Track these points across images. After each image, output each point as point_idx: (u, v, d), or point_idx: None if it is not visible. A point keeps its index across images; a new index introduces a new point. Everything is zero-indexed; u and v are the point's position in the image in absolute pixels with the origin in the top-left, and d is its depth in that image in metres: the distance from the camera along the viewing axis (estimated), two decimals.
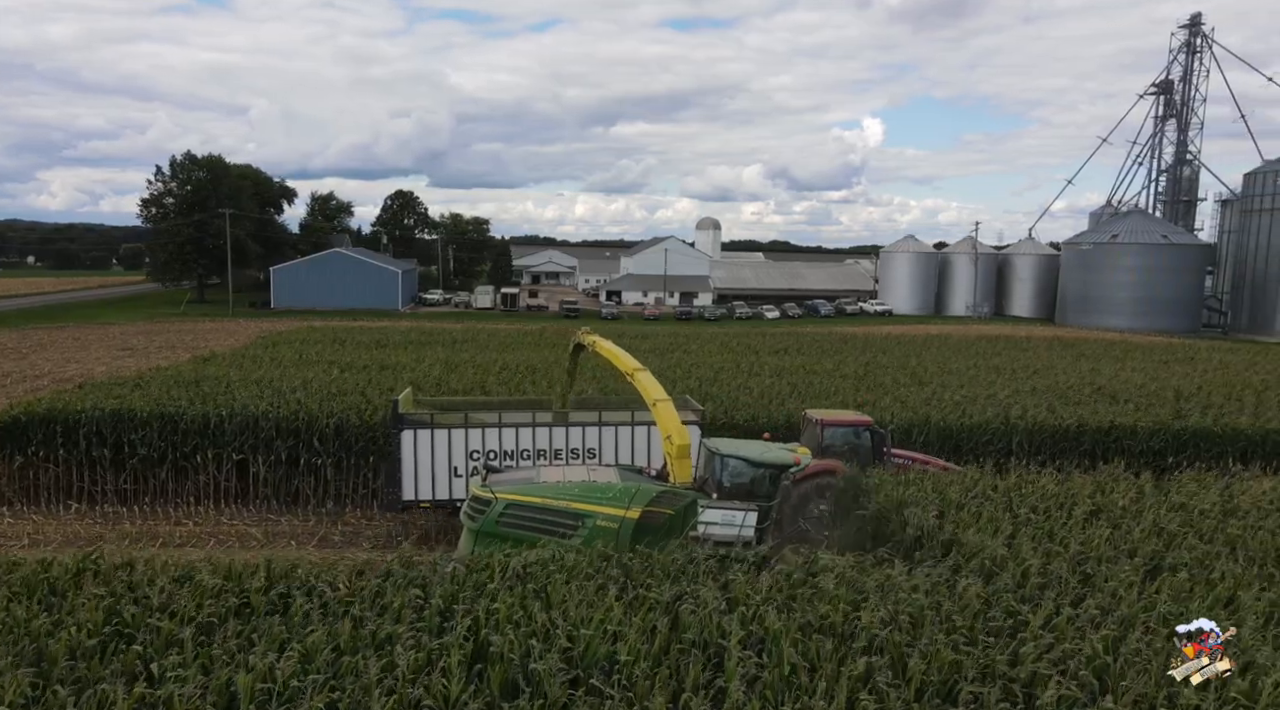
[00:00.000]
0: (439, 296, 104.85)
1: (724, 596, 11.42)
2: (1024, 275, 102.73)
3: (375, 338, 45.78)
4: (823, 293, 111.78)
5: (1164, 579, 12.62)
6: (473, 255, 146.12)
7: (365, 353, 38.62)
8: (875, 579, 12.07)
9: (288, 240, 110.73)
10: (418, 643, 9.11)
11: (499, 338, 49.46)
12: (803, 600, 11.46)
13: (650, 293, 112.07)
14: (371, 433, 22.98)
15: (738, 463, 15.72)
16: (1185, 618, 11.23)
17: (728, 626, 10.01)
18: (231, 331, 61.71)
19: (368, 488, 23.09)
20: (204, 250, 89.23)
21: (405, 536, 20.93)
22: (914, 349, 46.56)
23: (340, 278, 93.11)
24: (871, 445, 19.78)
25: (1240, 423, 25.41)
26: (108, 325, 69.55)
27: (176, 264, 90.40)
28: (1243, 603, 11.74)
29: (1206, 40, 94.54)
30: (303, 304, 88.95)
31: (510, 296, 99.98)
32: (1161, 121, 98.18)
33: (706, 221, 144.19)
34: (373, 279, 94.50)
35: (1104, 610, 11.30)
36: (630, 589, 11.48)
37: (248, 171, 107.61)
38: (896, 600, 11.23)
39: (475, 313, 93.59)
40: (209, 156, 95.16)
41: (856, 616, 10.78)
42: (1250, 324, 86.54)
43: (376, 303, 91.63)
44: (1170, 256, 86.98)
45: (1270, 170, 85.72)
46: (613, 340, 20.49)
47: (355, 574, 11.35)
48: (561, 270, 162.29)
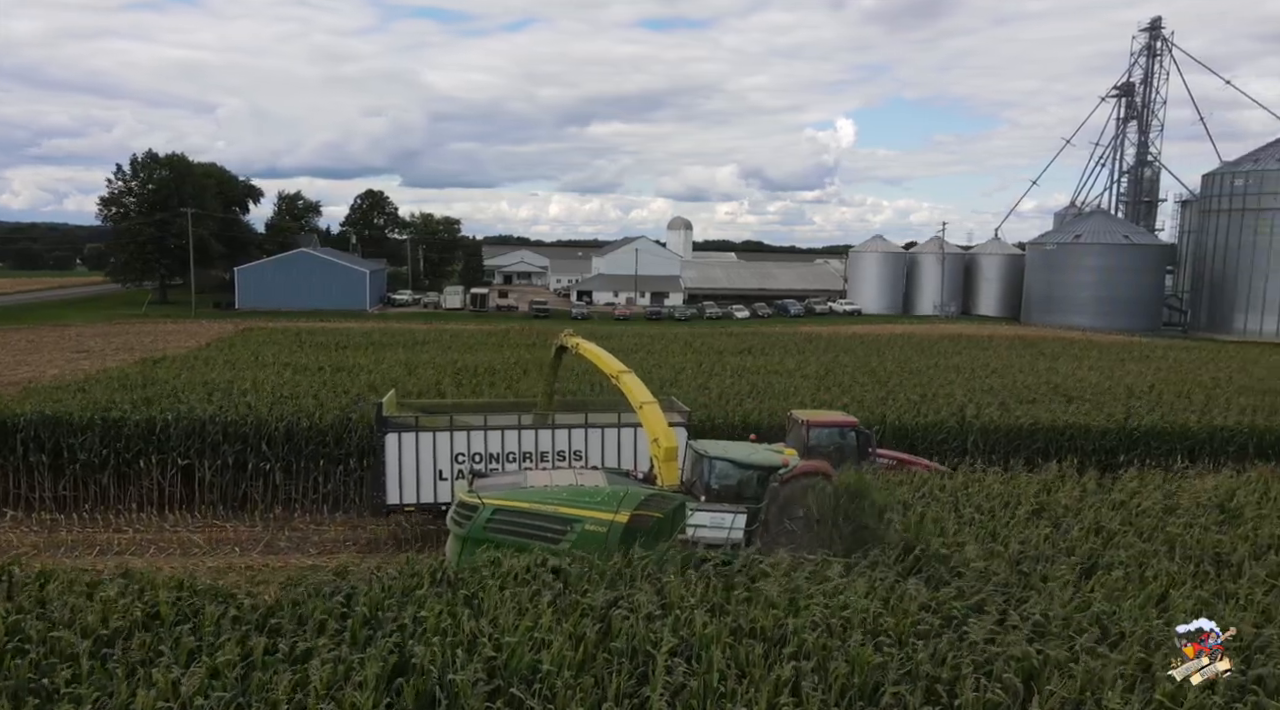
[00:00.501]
0: (408, 297, 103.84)
1: (659, 601, 11.31)
2: (990, 275, 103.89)
3: (336, 339, 45.19)
4: (793, 292, 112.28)
5: (1099, 577, 12.72)
6: (443, 255, 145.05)
7: (324, 354, 38.09)
8: (814, 581, 12.04)
9: (254, 240, 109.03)
10: (336, 655, 8.88)
11: (462, 339, 49.05)
12: (737, 602, 11.39)
13: (621, 293, 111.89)
14: (323, 436, 22.61)
15: (725, 465, 15.67)
16: (1116, 618, 11.33)
17: (657, 634, 9.88)
18: (192, 333, 60.63)
19: (318, 492, 22.71)
20: (166, 250, 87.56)
21: (354, 542, 20.61)
22: (877, 348, 46.86)
23: (307, 278, 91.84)
24: (857, 445, 19.85)
25: (1189, 421, 25.79)
26: (65, 326, 68.05)
27: (138, 264, 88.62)
28: (1173, 601, 11.84)
29: (1166, 44, 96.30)
30: (268, 305, 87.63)
31: (480, 297, 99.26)
32: (1123, 123, 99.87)
33: (678, 221, 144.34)
34: (340, 279, 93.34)
35: (1043, 612, 11.34)
36: (565, 595, 11.33)
37: (212, 170, 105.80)
38: (829, 604, 11.19)
39: (444, 313, 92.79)
40: (172, 155, 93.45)
41: (788, 620, 10.72)
42: (1209, 323, 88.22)
43: (344, 303, 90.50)
44: (1131, 256, 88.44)
45: (1227, 171, 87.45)
46: (610, 343, 20.28)
47: (283, 583, 11.05)
48: (534, 270, 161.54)
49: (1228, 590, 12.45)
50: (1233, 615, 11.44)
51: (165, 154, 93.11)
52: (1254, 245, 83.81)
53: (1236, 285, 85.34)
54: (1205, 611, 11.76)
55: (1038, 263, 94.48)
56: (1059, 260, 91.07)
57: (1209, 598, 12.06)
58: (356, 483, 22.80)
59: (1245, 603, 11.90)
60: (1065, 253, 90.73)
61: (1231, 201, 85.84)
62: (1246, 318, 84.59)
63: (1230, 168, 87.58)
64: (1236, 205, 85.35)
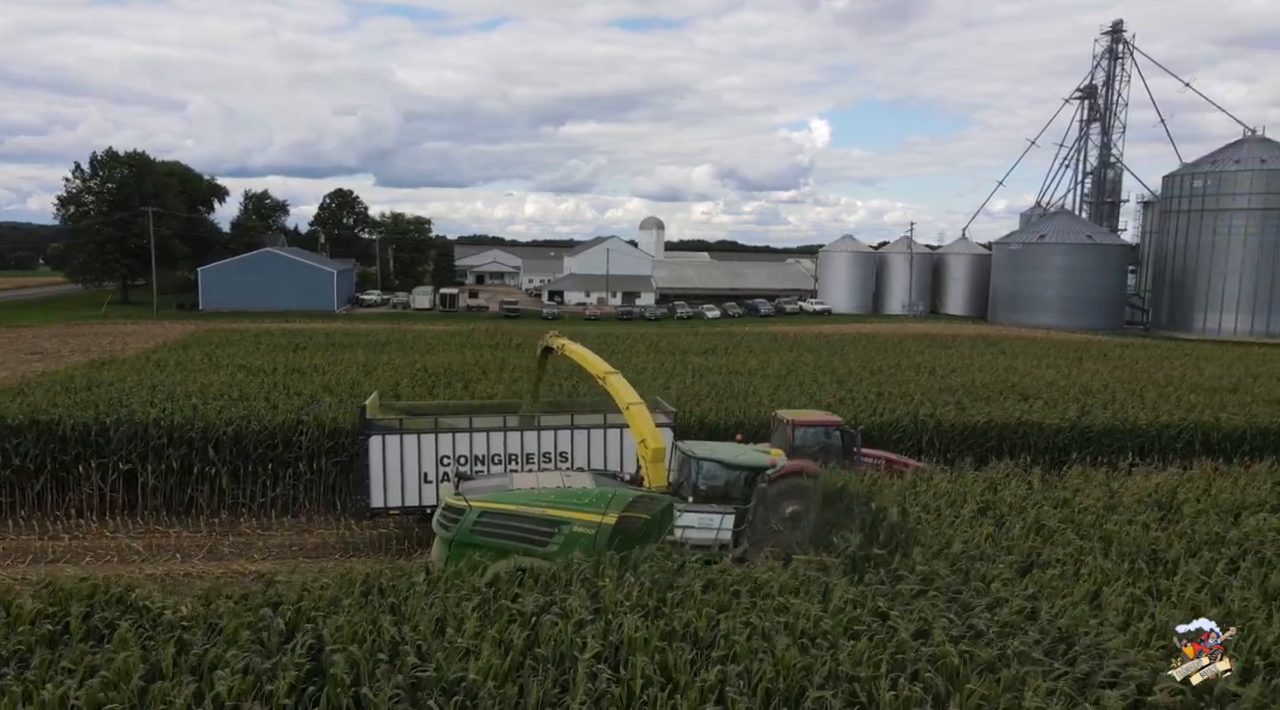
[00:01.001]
0: (377, 297, 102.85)
1: (592, 606, 11.15)
2: (958, 275, 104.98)
3: (296, 340, 44.54)
4: (764, 292, 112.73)
5: (1034, 576, 12.76)
6: (414, 255, 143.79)
7: (281, 356, 37.48)
8: (746, 585, 11.96)
9: (219, 240, 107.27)
10: (245, 666, 8.62)
11: (425, 339, 48.56)
12: (672, 605, 11.27)
13: (593, 293, 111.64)
14: (271, 439, 22.20)
15: (713, 465, 15.59)
16: (1053, 617, 11.34)
17: (583, 640, 9.72)
18: (152, 334, 59.57)
19: (266, 497, 22.29)
20: (127, 250, 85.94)
21: (301, 547, 20.25)
22: (840, 348, 47.08)
23: (272, 278, 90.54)
24: (842, 445, 19.86)
25: (1138, 419, 26.12)
26: (21, 328, 66.52)
27: (97, 264, 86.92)
28: (1105, 598, 11.90)
29: (1128, 47, 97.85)
30: (233, 305, 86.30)
31: (449, 297, 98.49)
32: (1086, 125, 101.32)
33: (650, 221, 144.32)
34: (306, 279, 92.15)
35: (983, 610, 11.33)
36: (494, 600, 11.14)
37: (175, 168, 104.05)
38: (761, 606, 11.11)
39: (413, 313, 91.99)
40: (132, 153, 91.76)
41: (721, 621, 10.63)
42: (1170, 321, 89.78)
43: (311, 304, 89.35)
44: (1094, 256, 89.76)
45: (1187, 173, 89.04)
46: (603, 341, 20.16)
47: (201, 593, 10.76)
48: (506, 270, 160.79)
49: (1160, 587, 12.54)
50: (1163, 612, 11.51)
51: (126, 152, 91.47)
52: (1213, 245, 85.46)
53: (1196, 284, 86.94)
54: (1137, 609, 11.87)
55: (1003, 262, 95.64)
56: (1024, 260, 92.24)
57: (1141, 595, 12.13)
58: (306, 486, 22.44)
59: (1176, 600, 11.98)
60: (1030, 252, 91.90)
61: (1191, 202, 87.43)
62: (1206, 316, 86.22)
63: (1189, 169, 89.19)
64: (1195, 206, 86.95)
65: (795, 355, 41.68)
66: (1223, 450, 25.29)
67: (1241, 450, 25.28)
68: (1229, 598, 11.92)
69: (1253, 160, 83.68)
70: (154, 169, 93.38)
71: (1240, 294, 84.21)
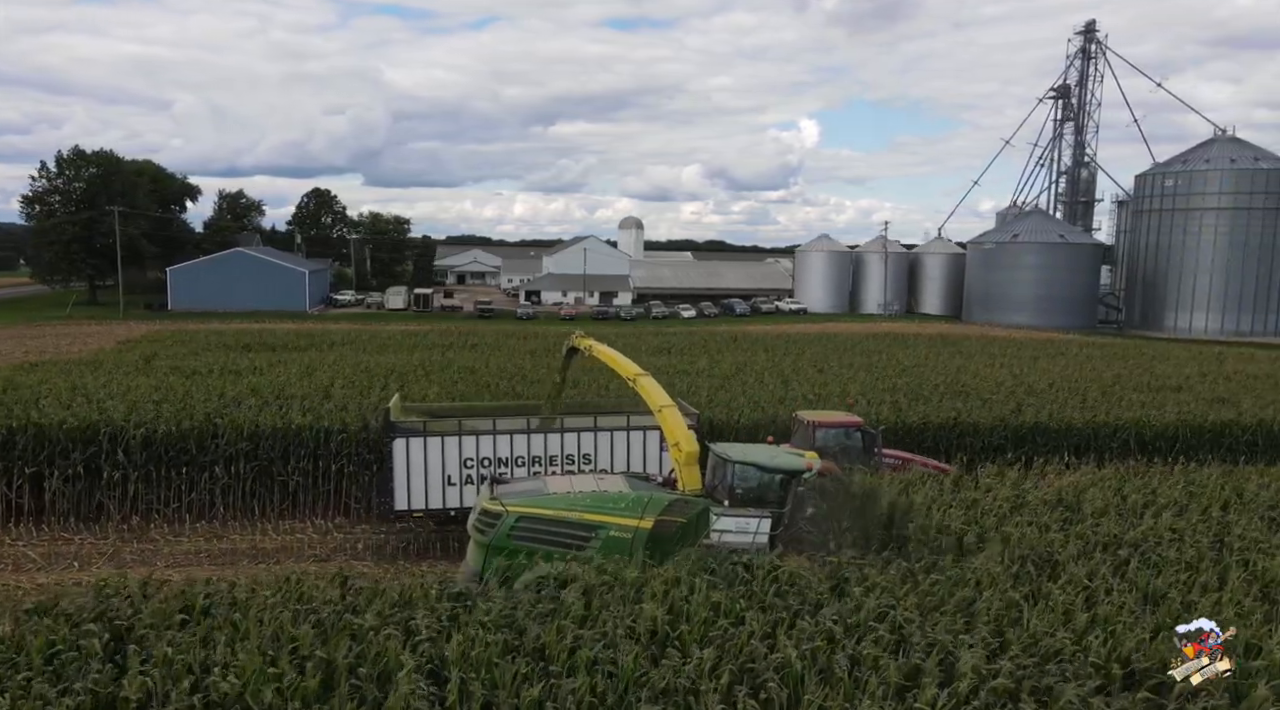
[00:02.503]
0: (351, 297, 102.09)
1: (445, 622, 10.75)
2: (934, 274, 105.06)
3: (246, 340, 43.91)
4: (742, 292, 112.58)
5: (912, 584, 12.45)
6: (394, 255, 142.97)
7: (226, 356, 36.93)
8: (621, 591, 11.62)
9: (191, 239, 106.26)
10: (26, 690, 8.19)
11: (380, 339, 48.01)
12: (540, 617, 10.88)
13: (570, 292, 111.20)
14: (184, 441, 21.72)
15: (749, 469, 15.42)
16: (923, 625, 11.04)
17: (407, 656, 9.34)
18: (114, 335, 58.77)
19: (181, 501, 21.80)
20: (93, 250, 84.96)
21: (209, 554, 19.79)
22: (799, 347, 46.83)
23: (243, 278, 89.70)
24: (863, 446, 19.81)
25: (1073, 417, 25.93)
26: None
27: (63, 264, 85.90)
28: (978, 609, 11.59)
29: (1101, 46, 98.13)
30: (203, 306, 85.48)
31: (423, 297, 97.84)
32: (1060, 124, 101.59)
33: (629, 221, 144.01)
34: (278, 279, 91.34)
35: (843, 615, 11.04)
36: (340, 616, 10.72)
37: (145, 167, 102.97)
38: (625, 611, 10.77)
39: (386, 314, 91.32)
40: (100, 151, 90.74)
41: (582, 633, 10.27)
42: (1142, 320, 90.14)
43: (283, 304, 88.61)
44: (1067, 255, 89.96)
45: (1158, 172, 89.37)
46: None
47: (29, 608, 10.31)
48: (487, 270, 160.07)
49: (1041, 591, 12.26)
50: (1040, 619, 11.23)
51: (94, 151, 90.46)
52: (1183, 245, 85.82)
53: (1167, 284, 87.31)
54: (1009, 615, 11.58)
55: (977, 262, 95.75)
56: (997, 259, 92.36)
57: (1019, 599, 11.84)
58: (223, 491, 21.97)
59: (1052, 605, 11.69)
60: (1003, 252, 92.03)
61: (1162, 202, 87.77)
62: (1177, 315, 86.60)
63: (1161, 169, 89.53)
64: (1167, 205, 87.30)
65: (749, 355, 41.40)
66: (1157, 449, 25.14)
67: (1175, 449, 25.14)
68: (1104, 601, 11.63)
69: (1222, 160, 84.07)
70: (122, 168, 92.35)
71: (1211, 293, 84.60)
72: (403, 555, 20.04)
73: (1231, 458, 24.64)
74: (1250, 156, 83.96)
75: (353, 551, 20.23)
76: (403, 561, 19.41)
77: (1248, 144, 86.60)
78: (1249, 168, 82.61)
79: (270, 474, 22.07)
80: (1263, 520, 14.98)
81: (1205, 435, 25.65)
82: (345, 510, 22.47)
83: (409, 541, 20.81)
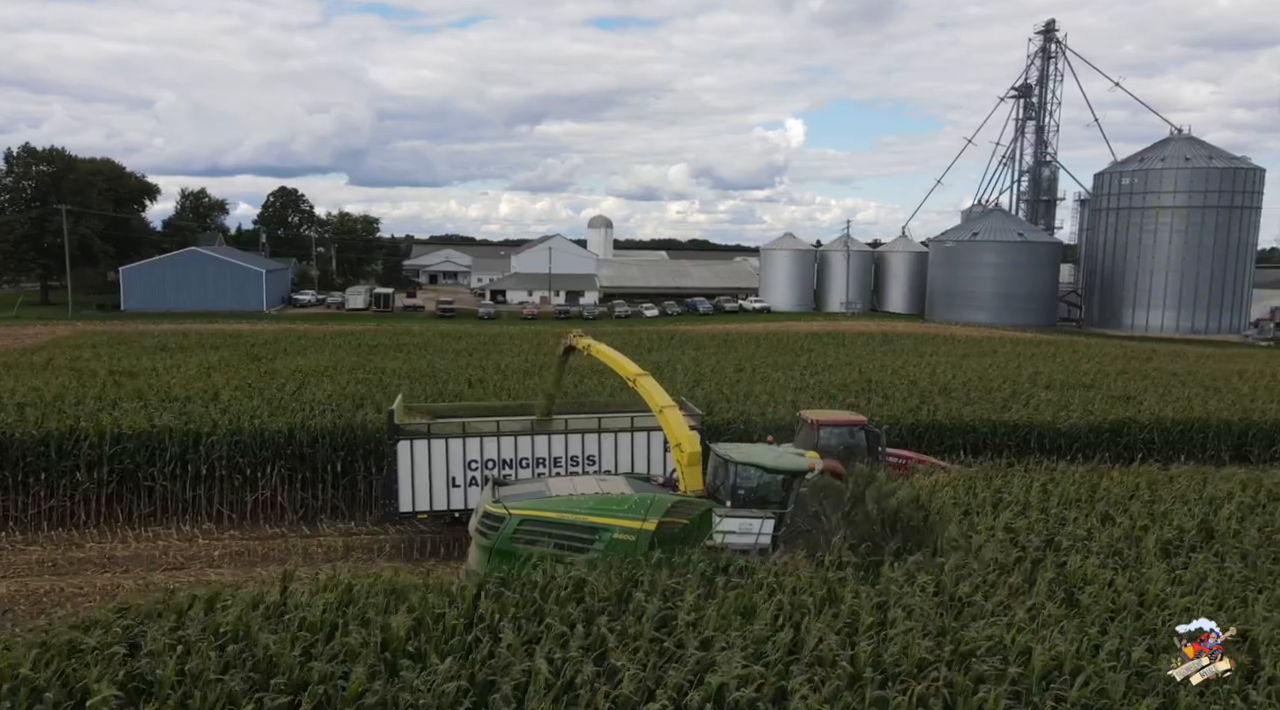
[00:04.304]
0: (311, 297, 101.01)
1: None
2: (898, 272, 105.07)
3: (165, 342, 43.08)
4: (709, 291, 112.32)
5: (722, 586, 12.04)
6: (362, 255, 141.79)
7: (139, 358, 36.13)
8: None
9: (149, 239, 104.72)
10: None
11: (315, 340, 47.19)
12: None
13: (536, 292, 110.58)
14: (42, 447, 21.04)
15: (751, 470, 15.33)
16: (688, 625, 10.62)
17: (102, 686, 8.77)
18: (55, 335, 57.69)
19: (39, 508, 21.10)
20: (42, 249, 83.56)
21: (54, 564, 19.13)
22: (732, 346, 46.46)
23: (199, 278, 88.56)
24: (867, 444, 19.79)
25: (970, 415, 25.65)
26: None
27: (12, 263, 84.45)
28: (761, 607, 11.17)
29: (1060, 46, 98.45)
30: (157, 306, 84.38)
31: (384, 297, 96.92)
32: (1022, 123, 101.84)
33: (599, 220, 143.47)
34: (234, 279, 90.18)
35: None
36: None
37: (101, 166, 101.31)
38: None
39: (346, 314, 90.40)
40: (51, 149, 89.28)
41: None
42: (1101, 318, 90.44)
43: (239, 304, 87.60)
44: (1026, 253, 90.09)
45: (1115, 171, 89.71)
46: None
47: None
48: (460, 269, 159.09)
49: (832, 594, 11.86)
50: (826, 624, 10.84)
51: (44, 148, 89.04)
52: (1140, 242, 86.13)
53: (1125, 281, 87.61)
54: (793, 617, 11.16)
55: (939, 260, 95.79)
56: (958, 257, 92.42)
57: (808, 602, 11.44)
58: (84, 497, 21.29)
59: (838, 610, 11.28)
60: (964, 250, 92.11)
61: (1119, 200, 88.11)
62: (1134, 313, 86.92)
63: (1119, 167, 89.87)
64: (1124, 203, 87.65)
65: (677, 354, 40.99)
66: (1055, 447, 24.91)
67: (1074, 447, 24.92)
68: (894, 605, 11.25)
69: (1177, 158, 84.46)
70: (75, 166, 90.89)
71: (1166, 291, 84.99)
72: (262, 562, 19.48)
73: (1128, 455, 24.50)
74: (1205, 155, 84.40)
75: (209, 559, 19.63)
76: (261, 567, 18.87)
77: (1203, 143, 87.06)
78: (1203, 166, 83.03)
79: (136, 479, 21.43)
80: (1099, 518, 14.66)
81: (1104, 433, 25.43)
82: (219, 517, 21.88)
83: (273, 548, 20.26)
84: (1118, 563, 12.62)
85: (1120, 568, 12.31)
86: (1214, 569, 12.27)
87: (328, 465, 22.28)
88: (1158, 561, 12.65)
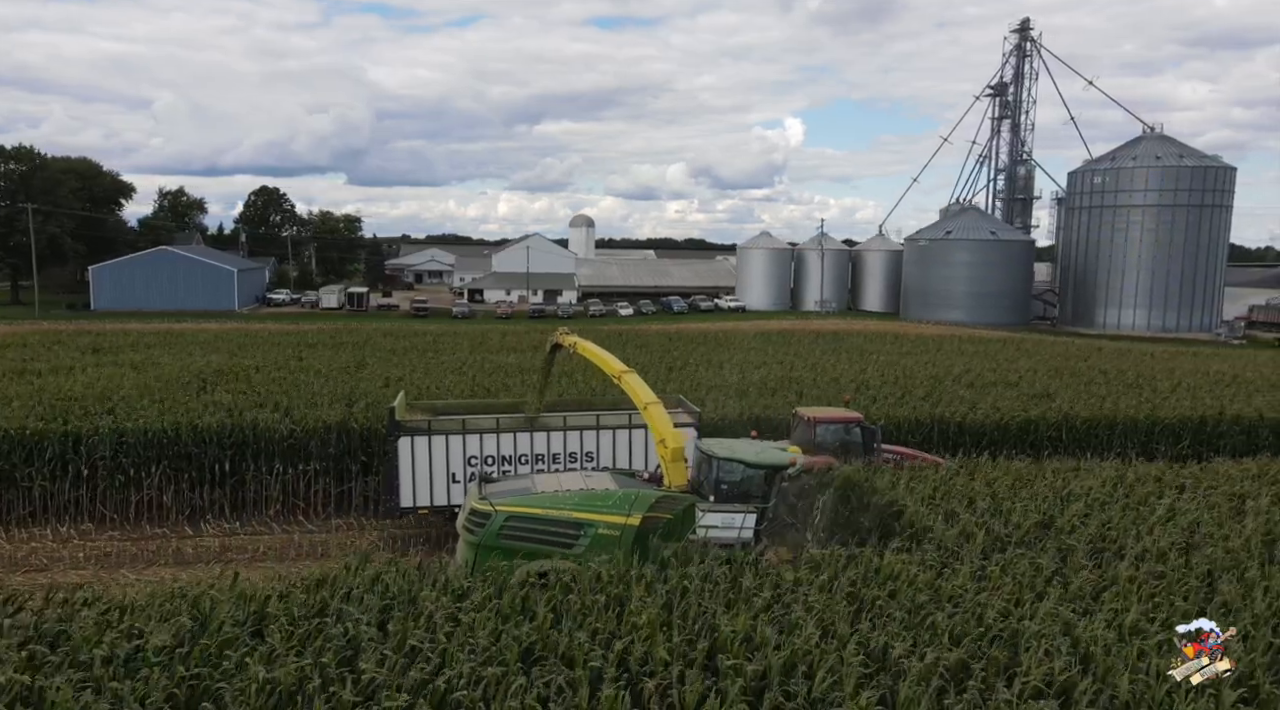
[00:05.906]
0: (285, 296, 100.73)
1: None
2: (875, 271, 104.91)
3: (101, 342, 42.77)
4: (687, 290, 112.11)
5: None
6: (344, 254, 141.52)
7: (60, 357, 35.84)
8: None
9: (124, 238, 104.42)
10: None
11: (259, 340, 46.84)
12: None
13: (514, 291, 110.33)
14: None
15: (734, 465, 15.51)
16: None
17: None
18: (18, 335, 57.34)
19: None
20: (10, 248, 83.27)
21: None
22: (694, 345, 46.17)
23: (170, 277, 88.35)
24: (862, 441, 19.84)
25: (900, 412, 25.42)
26: None
27: None
28: (633, 605, 10.82)
29: (1035, 45, 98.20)
30: (128, 305, 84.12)
31: (358, 296, 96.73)
32: (998, 122, 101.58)
33: (580, 219, 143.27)
34: (206, 278, 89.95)
35: None
36: None
37: (75, 165, 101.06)
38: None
39: (319, 313, 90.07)
40: (20, 147, 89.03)
41: None
42: (1075, 317, 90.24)
43: (211, 303, 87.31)
44: (999, 252, 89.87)
45: (1088, 170, 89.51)
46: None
47: None
48: (444, 268, 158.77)
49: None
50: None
51: (13, 147, 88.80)
52: (1112, 241, 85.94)
53: (1098, 280, 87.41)
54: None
55: (914, 259, 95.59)
56: (932, 256, 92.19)
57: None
58: None
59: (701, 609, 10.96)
60: (938, 249, 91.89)
61: (1092, 199, 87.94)
62: (1106, 312, 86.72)
63: (1091, 166, 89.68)
64: (1097, 202, 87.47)
65: (628, 353, 40.64)
66: (960, 443, 24.67)
67: (982, 444, 24.68)
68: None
69: (1149, 157, 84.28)
70: (46, 165, 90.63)
71: (1138, 290, 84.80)
72: (130, 563, 19.22)
73: (1035, 452, 24.27)
74: (1176, 154, 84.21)
75: (73, 561, 19.35)
76: (128, 569, 18.63)
77: (1174, 141, 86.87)
78: (1174, 165, 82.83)
79: (14, 479, 21.17)
80: (943, 516, 14.36)
81: (1010, 431, 25.18)
82: (100, 518, 21.62)
83: (144, 550, 19.99)
84: (935, 560, 12.35)
85: (930, 566, 12.04)
86: (1027, 563, 12.02)
87: (214, 465, 22.02)
88: (977, 558, 12.39)
